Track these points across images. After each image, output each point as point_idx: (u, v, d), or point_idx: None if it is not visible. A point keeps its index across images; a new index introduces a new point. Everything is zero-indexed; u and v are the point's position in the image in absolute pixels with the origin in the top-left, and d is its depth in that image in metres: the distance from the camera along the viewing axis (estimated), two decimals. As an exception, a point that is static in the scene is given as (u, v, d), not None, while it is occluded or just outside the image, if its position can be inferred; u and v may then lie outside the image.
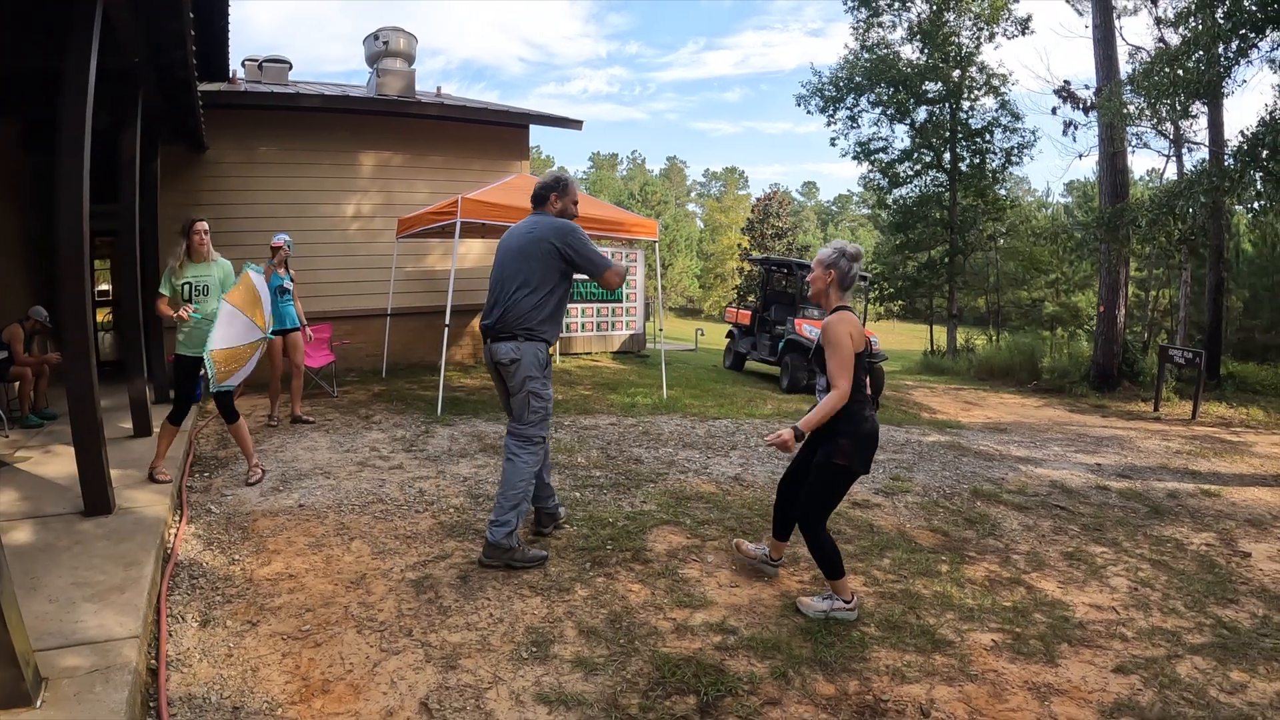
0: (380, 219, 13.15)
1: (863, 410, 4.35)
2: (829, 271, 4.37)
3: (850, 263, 4.39)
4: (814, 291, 4.49)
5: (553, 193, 5.17)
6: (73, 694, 2.94)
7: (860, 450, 4.34)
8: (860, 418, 4.33)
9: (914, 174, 31.53)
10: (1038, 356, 18.94)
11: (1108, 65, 17.49)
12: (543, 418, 5.03)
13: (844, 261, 4.37)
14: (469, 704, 3.34)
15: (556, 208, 5.17)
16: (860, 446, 4.34)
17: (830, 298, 4.42)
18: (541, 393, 5.01)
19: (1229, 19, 12.23)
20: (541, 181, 5.26)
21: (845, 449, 4.30)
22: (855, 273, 4.43)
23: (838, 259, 4.37)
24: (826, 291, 4.41)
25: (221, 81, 11.74)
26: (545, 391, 5.03)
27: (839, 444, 4.31)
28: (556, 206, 5.17)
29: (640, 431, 8.93)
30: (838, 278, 4.36)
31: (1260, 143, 11.74)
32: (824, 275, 4.38)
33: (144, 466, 6.07)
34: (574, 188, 5.27)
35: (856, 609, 4.45)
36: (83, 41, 4.75)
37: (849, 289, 4.45)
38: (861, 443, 4.34)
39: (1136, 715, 3.61)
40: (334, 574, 4.62)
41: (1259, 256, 31.18)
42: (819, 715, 3.43)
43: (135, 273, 7.62)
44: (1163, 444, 10.68)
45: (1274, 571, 5.85)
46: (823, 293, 4.43)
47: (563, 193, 5.19)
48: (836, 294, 4.40)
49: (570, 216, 5.21)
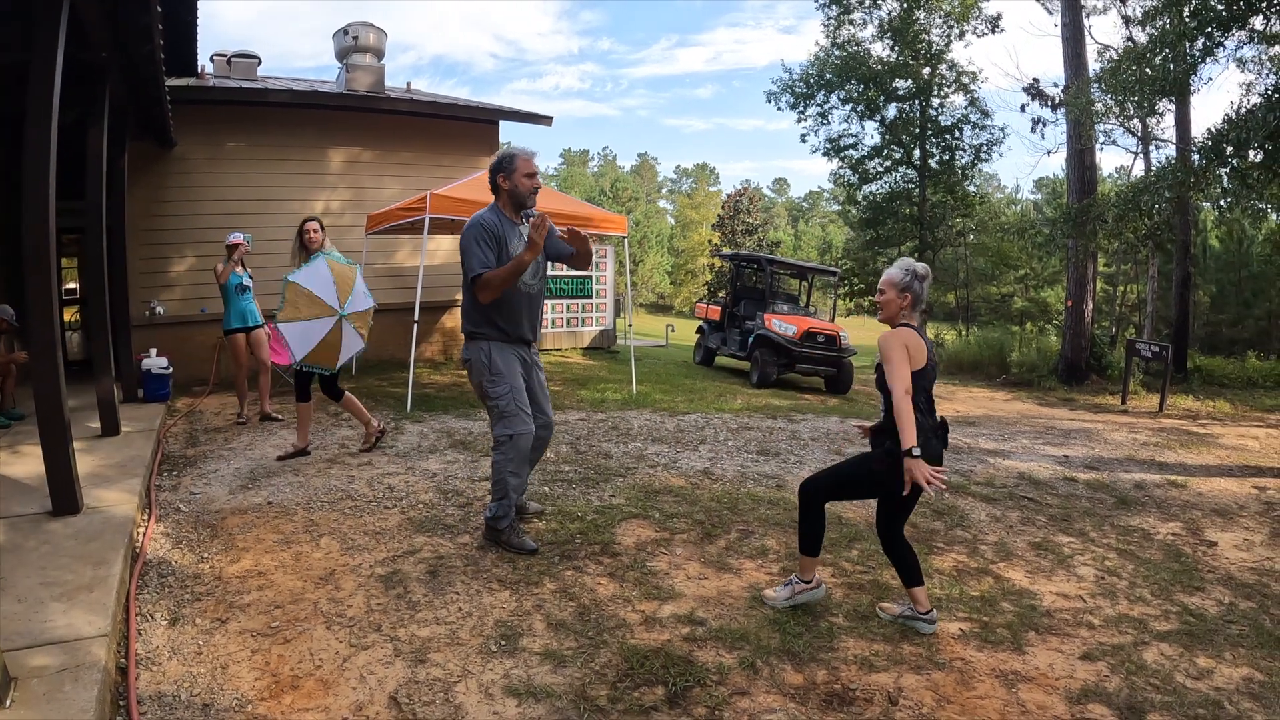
0: (349, 215, 13.11)
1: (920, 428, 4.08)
2: (904, 295, 4.21)
3: (921, 283, 4.25)
4: (885, 315, 4.32)
5: (498, 175, 5.03)
6: (42, 693, 2.93)
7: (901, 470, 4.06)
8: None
9: (884, 170, 31.70)
10: (1007, 351, 19.12)
11: (1076, 63, 17.69)
12: (500, 416, 4.95)
13: (916, 284, 4.23)
14: (438, 697, 3.35)
15: (507, 189, 5.02)
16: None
17: (898, 319, 4.26)
18: (491, 391, 4.97)
19: (1195, 17, 12.38)
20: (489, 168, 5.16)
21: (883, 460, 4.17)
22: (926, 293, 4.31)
23: (910, 281, 4.22)
24: (897, 314, 4.25)
25: (190, 77, 11.68)
26: (495, 389, 4.95)
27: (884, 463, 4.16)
28: (506, 188, 5.02)
29: (610, 427, 8.96)
30: (912, 300, 4.22)
31: (1224, 139, 11.90)
32: (898, 299, 4.22)
33: (112, 466, 6.06)
34: (519, 161, 5.01)
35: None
36: (50, 35, 4.71)
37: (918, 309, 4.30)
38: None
39: (1103, 701, 3.66)
40: (303, 571, 4.61)
41: (1226, 252, 31.61)
42: (787, 705, 3.46)
43: (102, 271, 7.56)
44: (1130, 436, 10.84)
45: (1240, 560, 5.95)
46: (894, 316, 4.26)
47: (508, 171, 5.00)
48: (910, 314, 4.26)
49: (526, 191, 5.03)
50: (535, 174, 5.07)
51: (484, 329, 4.99)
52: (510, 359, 5.01)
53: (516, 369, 5.03)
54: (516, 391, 4.97)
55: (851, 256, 36.42)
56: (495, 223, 4.94)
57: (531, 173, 5.03)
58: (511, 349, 5.05)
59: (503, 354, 4.98)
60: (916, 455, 3.93)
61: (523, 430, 4.94)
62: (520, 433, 4.93)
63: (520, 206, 5.09)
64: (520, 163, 5.00)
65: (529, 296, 5.17)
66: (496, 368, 4.95)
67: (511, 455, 4.94)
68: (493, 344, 4.98)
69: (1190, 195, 14.21)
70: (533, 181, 5.05)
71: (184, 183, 11.69)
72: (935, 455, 4.20)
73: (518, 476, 5.01)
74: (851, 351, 15.24)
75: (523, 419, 4.94)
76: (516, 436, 4.93)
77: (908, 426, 3.95)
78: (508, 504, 5.00)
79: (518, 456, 4.96)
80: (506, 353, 5.01)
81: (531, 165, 5.04)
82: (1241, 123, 11.59)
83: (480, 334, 5.00)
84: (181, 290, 11.75)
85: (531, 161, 5.05)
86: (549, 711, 3.29)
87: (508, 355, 5.01)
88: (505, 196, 5.05)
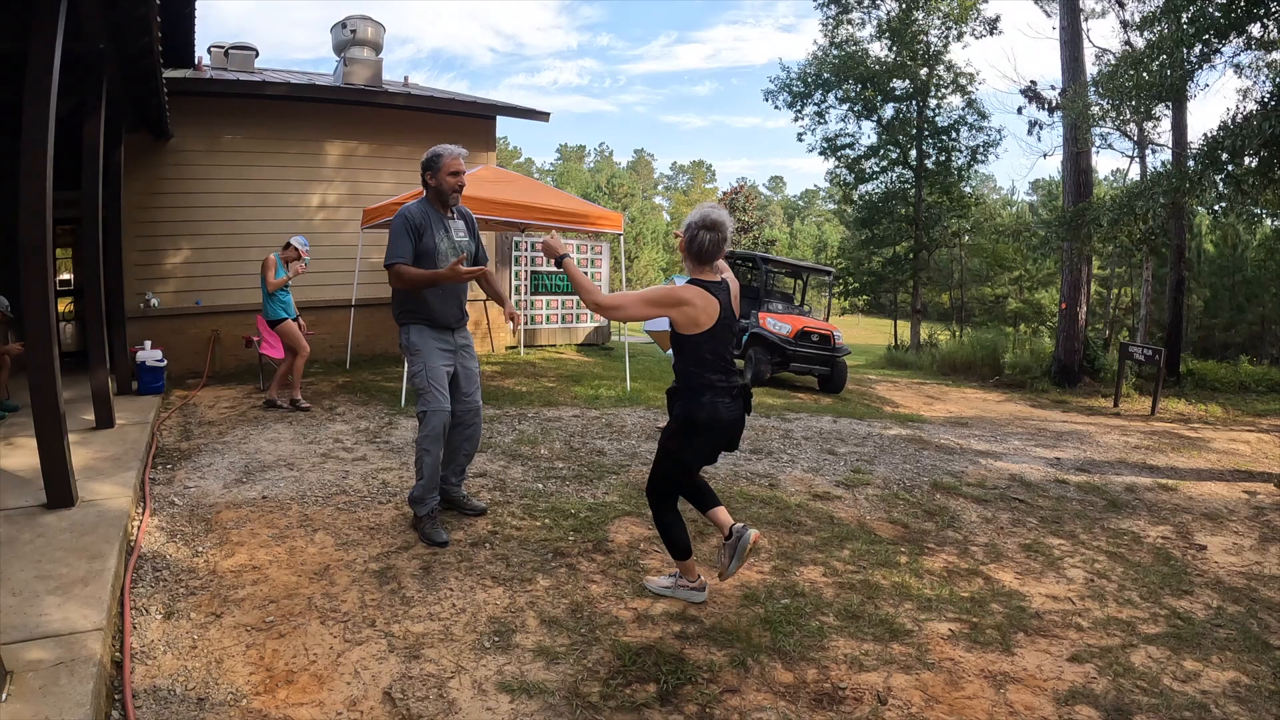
0: (345, 209, 13.09)
1: (701, 390, 4.09)
2: (689, 245, 4.11)
3: (710, 234, 4.06)
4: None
5: (425, 172, 5.28)
6: (38, 687, 2.94)
7: (689, 437, 4.13)
8: (697, 400, 4.08)
9: (880, 170, 31.72)
10: (1000, 352, 19.15)
11: (1074, 67, 17.72)
12: (417, 393, 5.22)
13: (704, 234, 4.05)
14: (432, 693, 3.38)
15: (433, 185, 5.27)
16: (690, 432, 4.12)
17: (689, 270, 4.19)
18: (409, 369, 5.31)
19: (1193, 24, 12.41)
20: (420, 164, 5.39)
21: (674, 431, 4.16)
22: (719, 247, 4.10)
23: (696, 232, 4.07)
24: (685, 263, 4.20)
25: (187, 68, 11.63)
26: (411, 367, 5.25)
27: (670, 426, 4.21)
28: (433, 184, 5.27)
29: (604, 424, 8.97)
30: (695, 251, 4.09)
31: (1220, 146, 11.94)
32: (683, 248, 4.16)
33: (107, 459, 6.07)
34: (445, 160, 5.23)
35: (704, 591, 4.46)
36: (47, 25, 4.72)
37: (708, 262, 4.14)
38: (691, 428, 4.10)
39: (1090, 703, 3.69)
40: (297, 565, 4.63)
41: (1220, 257, 31.75)
42: (777, 703, 3.49)
43: (97, 262, 7.55)
44: (1122, 439, 10.87)
45: (1229, 564, 6.01)
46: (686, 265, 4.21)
47: (434, 170, 5.25)
48: (697, 267, 4.14)
49: (450, 189, 5.26)
50: (460, 172, 5.26)
51: (405, 314, 5.27)
52: (428, 341, 5.23)
53: (433, 349, 5.22)
54: (431, 370, 5.15)
55: (847, 256, 36.49)
56: (420, 214, 5.20)
57: (456, 171, 5.23)
58: (433, 333, 5.26)
59: (423, 336, 5.22)
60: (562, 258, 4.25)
61: (435, 408, 5.09)
62: (432, 409, 5.09)
63: (445, 203, 5.33)
64: (446, 161, 5.22)
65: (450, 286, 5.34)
66: (415, 347, 5.21)
67: (426, 432, 5.10)
68: (415, 326, 5.25)
69: (1185, 201, 14.26)
70: (456, 180, 5.25)
71: (180, 175, 11.66)
72: (731, 416, 4.12)
73: (430, 454, 5.11)
74: (845, 351, 15.25)
75: (435, 396, 5.11)
76: (429, 413, 5.09)
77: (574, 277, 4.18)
78: (424, 485, 5.16)
79: (431, 434, 5.09)
80: (427, 335, 5.24)
81: (456, 164, 5.24)
82: (1238, 129, 11.63)
83: (403, 318, 5.29)
84: (176, 283, 11.73)
85: (457, 160, 5.25)
86: (541, 708, 3.32)
87: (428, 338, 5.23)
88: (432, 192, 5.31)
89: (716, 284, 4.12)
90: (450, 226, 5.35)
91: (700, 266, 4.14)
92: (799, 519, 6.05)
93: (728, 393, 4.11)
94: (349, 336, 12.72)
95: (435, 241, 5.20)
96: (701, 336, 4.03)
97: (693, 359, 4.09)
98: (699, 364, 4.08)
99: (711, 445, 4.22)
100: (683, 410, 4.10)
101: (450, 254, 5.25)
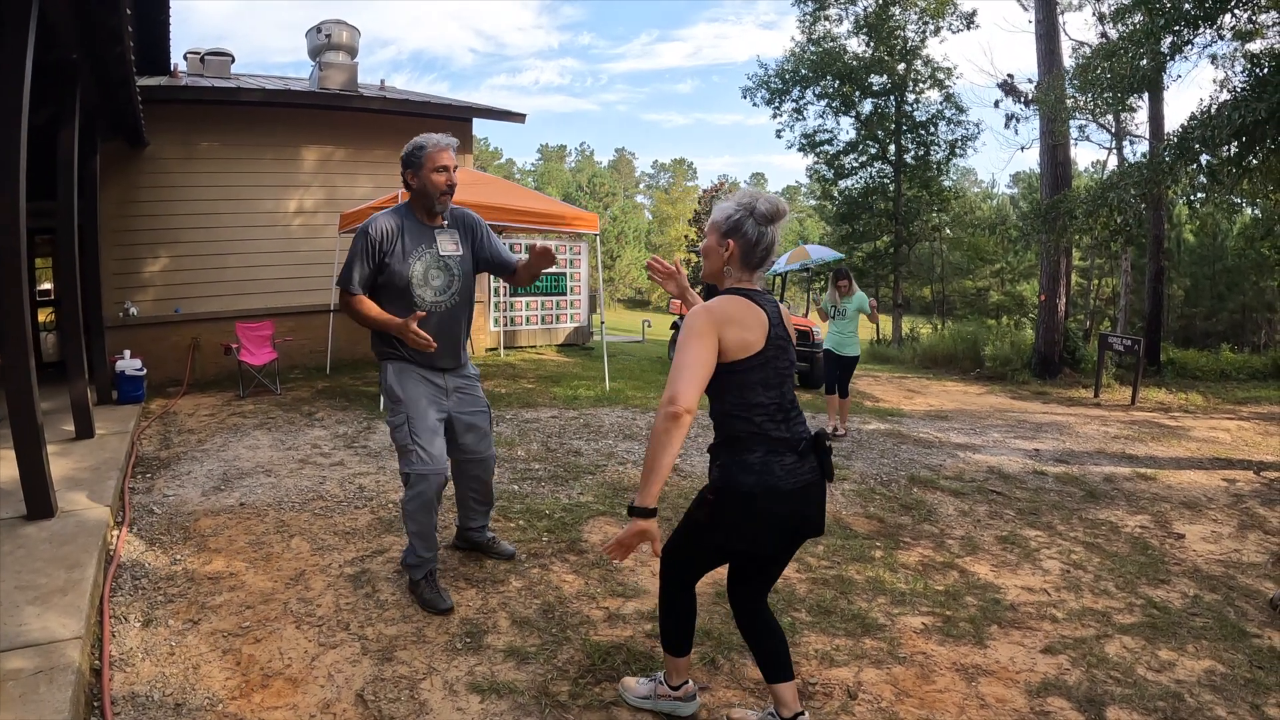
0: (323, 214, 13.09)
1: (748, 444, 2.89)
2: (726, 242, 2.98)
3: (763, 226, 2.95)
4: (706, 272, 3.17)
5: (405, 171, 4.20)
6: (17, 695, 2.98)
7: (726, 511, 2.90)
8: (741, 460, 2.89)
9: (859, 165, 32.00)
10: (981, 344, 19.20)
11: (1050, 60, 17.80)
12: (399, 450, 4.26)
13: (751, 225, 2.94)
14: (403, 695, 3.43)
15: (415, 187, 4.18)
16: (729, 505, 2.89)
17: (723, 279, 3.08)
18: (389, 420, 4.28)
19: (1163, 16, 12.50)
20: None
21: (706, 500, 2.99)
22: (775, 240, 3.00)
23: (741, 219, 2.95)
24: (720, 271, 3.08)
25: (163, 75, 11.66)
26: (392, 418, 4.24)
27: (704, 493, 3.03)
28: (415, 186, 4.18)
29: (581, 424, 9.01)
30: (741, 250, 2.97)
31: (1192, 136, 12.03)
32: (719, 248, 3.02)
33: (87, 469, 6.09)
34: (428, 153, 4.10)
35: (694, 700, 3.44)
36: (19, 34, 4.71)
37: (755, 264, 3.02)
38: (732, 501, 2.88)
39: (1063, 694, 3.73)
40: (274, 571, 4.67)
41: (1200, 246, 32.03)
42: (746, 699, 3.54)
43: (74, 272, 7.55)
44: (1101, 429, 10.96)
45: (1206, 552, 6.07)
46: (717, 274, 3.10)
47: (415, 167, 4.15)
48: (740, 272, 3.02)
49: (438, 191, 4.15)
50: (448, 169, 4.16)
51: (385, 348, 4.25)
52: (414, 385, 4.22)
53: (418, 397, 4.21)
54: (414, 422, 4.16)
55: (828, 251, 36.60)
56: (390, 229, 4.13)
57: (442, 166, 4.13)
58: (418, 373, 4.25)
59: (405, 379, 4.22)
60: (645, 514, 2.80)
61: (420, 470, 4.12)
62: (417, 473, 4.13)
63: (431, 209, 4.23)
64: (430, 155, 4.11)
65: (440, 316, 4.28)
66: (394, 394, 4.20)
67: (412, 496, 4.18)
68: (394, 364, 4.23)
69: (1162, 191, 14.37)
70: (444, 178, 4.14)
71: (157, 182, 11.62)
72: (796, 483, 2.86)
73: (417, 523, 4.21)
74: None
75: (420, 456, 4.13)
76: (416, 477, 4.14)
77: (650, 472, 2.76)
78: (416, 555, 4.30)
79: (418, 500, 4.17)
80: (411, 377, 4.23)
81: (444, 157, 4.14)
82: (1210, 120, 11.72)
83: (384, 352, 4.27)
84: (155, 291, 11.71)
85: (444, 153, 4.15)
86: (511, 707, 3.37)
87: (412, 381, 4.23)
88: (415, 196, 4.23)
89: (760, 293, 2.99)
90: (438, 240, 4.23)
91: (745, 272, 3.02)
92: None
93: (790, 447, 2.88)
94: (328, 342, 12.69)
95: (409, 263, 4.12)
96: (750, 364, 2.83)
97: (737, 399, 2.87)
98: (746, 406, 2.86)
99: (771, 527, 2.89)
100: (722, 474, 2.91)
101: (433, 277, 4.22)
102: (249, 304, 12.24)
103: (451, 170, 4.16)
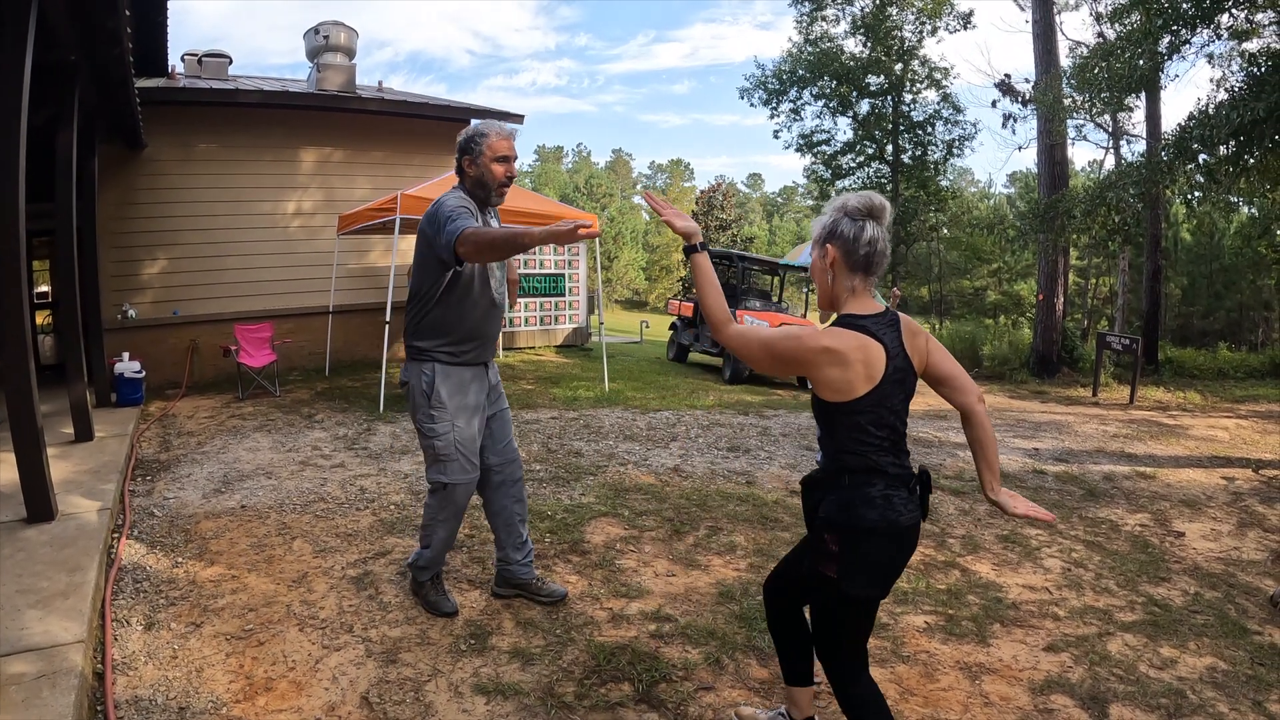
0: (321, 216, 13.08)
1: (868, 479, 2.63)
2: (825, 251, 2.69)
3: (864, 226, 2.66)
4: (820, 296, 2.84)
5: (463, 157, 3.94)
6: (20, 700, 2.97)
7: (857, 553, 2.61)
8: (863, 495, 2.62)
9: (857, 166, 31.95)
10: (979, 344, 19.18)
11: (1047, 60, 17.81)
12: (435, 458, 4.00)
13: (847, 224, 2.67)
14: (409, 697, 3.42)
15: (473, 175, 3.92)
16: (858, 545, 2.61)
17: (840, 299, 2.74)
18: (427, 428, 3.96)
19: (1160, 15, 12.51)
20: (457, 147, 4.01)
21: (829, 551, 2.64)
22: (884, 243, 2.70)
23: (837, 221, 2.69)
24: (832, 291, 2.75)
25: (161, 77, 11.65)
26: (435, 425, 3.93)
27: (823, 538, 2.67)
28: (472, 174, 3.92)
29: (581, 425, 9.02)
30: (845, 258, 2.67)
31: (1190, 136, 12.04)
32: (822, 262, 2.72)
33: (86, 472, 6.07)
34: (489, 140, 3.86)
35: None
36: (18, 36, 4.70)
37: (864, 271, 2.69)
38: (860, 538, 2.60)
39: (1066, 692, 3.73)
40: (276, 574, 4.66)
41: (1198, 245, 32.07)
42: (752, 699, 3.54)
43: (73, 274, 7.53)
44: (1100, 428, 10.94)
45: (1206, 550, 6.06)
46: (831, 296, 2.76)
47: (474, 153, 3.89)
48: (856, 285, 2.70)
49: (498, 182, 3.93)
50: (510, 159, 3.93)
51: (431, 345, 3.95)
52: (461, 388, 3.99)
53: (468, 401, 4.01)
54: (460, 432, 3.95)
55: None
56: (474, 212, 3.85)
57: (504, 156, 3.90)
58: (467, 373, 4.03)
59: (451, 382, 3.96)
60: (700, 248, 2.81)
61: (461, 480, 4.00)
62: (457, 482, 3.99)
63: (487, 200, 4.00)
64: (491, 143, 3.86)
65: (494, 310, 4.11)
66: (439, 399, 3.92)
67: (445, 504, 4.05)
68: (440, 367, 3.95)
69: (1160, 190, 14.38)
70: (504, 169, 3.91)
71: (155, 184, 11.61)
72: (910, 521, 2.63)
73: (446, 528, 4.13)
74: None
75: (462, 466, 3.99)
76: (452, 486, 4.00)
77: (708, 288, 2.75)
78: (430, 558, 4.20)
79: (452, 508, 4.07)
80: (456, 380, 3.99)
81: (505, 146, 3.89)
82: (1207, 120, 11.73)
83: (425, 352, 3.97)
84: (153, 293, 11.70)
85: (506, 141, 3.90)
86: (517, 709, 3.36)
87: (458, 383, 3.99)
88: (471, 183, 3.96)
89: (880, 318, 2.66)
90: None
91: (853, 278, 2.69)
92: (776, 515, 6.10)
93: (903, 484, 2.66)
94: (327, 343, 12.67)
95: None
96: (862, 403, 2.58)
97: (848, 436, 2.63)
98: (860, 442, 2.62)
99: (889, 565, 2.68)
100: (842, 511, 2.62)
101: (494, 269, 4.07)
102: (247, 306, 12.23)
103: (512, 161, 3.93)
